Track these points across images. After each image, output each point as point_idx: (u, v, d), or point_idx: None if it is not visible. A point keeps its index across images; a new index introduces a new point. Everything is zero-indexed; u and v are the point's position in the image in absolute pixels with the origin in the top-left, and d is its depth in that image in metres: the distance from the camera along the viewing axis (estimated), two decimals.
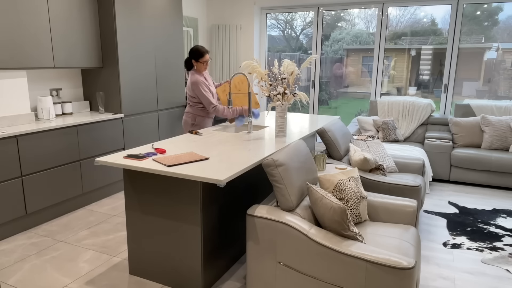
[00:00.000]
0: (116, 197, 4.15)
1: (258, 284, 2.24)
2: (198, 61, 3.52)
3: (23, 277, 2.62)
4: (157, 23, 4.54)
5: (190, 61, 3.58)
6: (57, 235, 3.26)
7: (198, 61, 3.52)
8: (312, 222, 2.25)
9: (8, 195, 3.14)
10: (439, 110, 5.35)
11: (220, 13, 6.13)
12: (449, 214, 3.72)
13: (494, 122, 4.60)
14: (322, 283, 2.02)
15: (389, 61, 5.65)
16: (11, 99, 3.44)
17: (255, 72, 2.99)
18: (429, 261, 2.87)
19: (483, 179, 4.48)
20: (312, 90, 5.96)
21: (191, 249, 2.38)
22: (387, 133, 4.95)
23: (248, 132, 3.28)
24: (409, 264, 1.82)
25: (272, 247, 2.14)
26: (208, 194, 2.36)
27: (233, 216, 2.72)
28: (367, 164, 3.29)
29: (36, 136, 3.31)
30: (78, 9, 3.80)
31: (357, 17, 5.87)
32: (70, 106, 3.99)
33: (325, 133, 3.48)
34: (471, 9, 5.07)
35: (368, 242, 2.19)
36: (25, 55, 3.34)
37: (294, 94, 2.99)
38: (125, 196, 2.55)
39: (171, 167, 2.23)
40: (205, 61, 3.53)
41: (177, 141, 2.92)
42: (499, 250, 3.02)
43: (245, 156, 2.49)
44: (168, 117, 4.89)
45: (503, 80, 5.12)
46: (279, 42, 6.51)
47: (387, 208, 2.56)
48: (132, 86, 4.28)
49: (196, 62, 3.53)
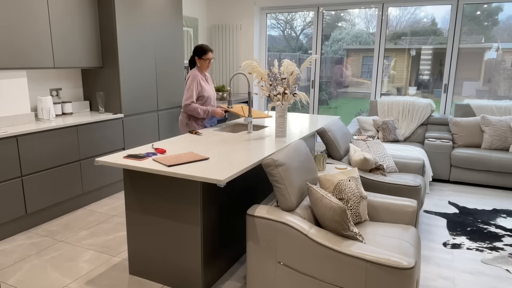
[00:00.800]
0: (116, 197, 4.15)
1: (258, 284, 2.24)
2: (201, 58, 3.55)
3: (23, 277, 2.62)
4: (157, 23, 4.54)
5: (194, 58, 3.62)
6: (57, 235, 3.26)
7: (201, 58, 3.55)
8: (312, 222, 2.25)
9: (8, 195, 3.14)
10: (439, 110, 5.35)
11: (220, 13, 6.13)
12: (449, 214, 3.72)
13: (494, 122, 4.60)
14: (322, 283, 2.02)
15: (389, 61, 5.65)
16: (11, 99, 3.44)
17: (255, 72, 2.98)
18: (429, 261, 2.87)
19: (483, 179, 4.48)
20: (312, 90, 5.96)
21: (191, 249, 2.38)
22: (387, 133, 4.95)
23: (248, 132, 3.28)
24: (409, 264, 1.82)
25: (272, 247, 2.14)
26: (208, 194, 2.36)
27: (233, 216, 2.72)
28: (367, 164, 3.29)
29: (36, 136, 3.31)
30: (78, 9, 3.80)
31: (357, 17, 5.87)
32: (70, 106, 3.99)
33: (325, 133, 3.48)
34: (471, 9, 5.07)
35: (368, 242, 2.19)
36: (25, 55, 3.34)
37: (294, 94, 2.99)
38: (125, 196, 2.55)
39: (171, 167, 2.23)
40: (207, 59, 3.55)
41: (177, 141, 2.92)
42: (499, 250, 3.02)
43: (245, 156, 2.49)
44: (168, 117, 4.89)
45: (503, 80, 5.11)
46: (279, 42, 6.51)
47: (387, 208, 2.56)
48: (132, 86, 4.28)
49: (199, 59, 3.56)
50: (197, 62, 3.59)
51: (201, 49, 3.55)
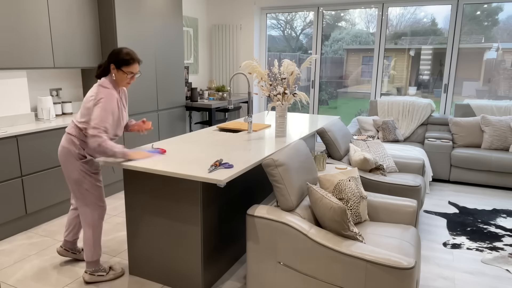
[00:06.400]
0: (116, 197, 4.15)
1: (258, 284, 2.24)
2: (120, 69, 2.37)
3: (23, 277, 2.62)
4: (157, 23, 4.54)
5: (108, 66, 2.42)
6: (57, 235, 3.26)
7: (120, 68, 2.37)
8: (312, 222, 2.25)
9: (8, 195, 3.14)
10: (439, 110, 5.35)
11: (220, 13, 6.13)
12: (449, 214, 3.72)
13: (494, 122, 4.60)
14: (322, 283, 2.02)
15: (389, 61, 5.65)
16: (11, 99, 3.44)
17: (255, 72, 2.98)
18: (429, 261, 2.87)
19: (483, 179, 4.47)
20: (312, 90, 5.96)
21: (191, 249, 2.38)
22: (387, 133, 4.95)
23: (248, 132, 3.28)
24: (409, 264, 1.82)
25: (272, 247, 2.14)
26: (208, 194, 2.36)
27: (233, 216, 2.72)
28: (367, 164, 3.29)
29: (36, 136, 3.31)
30: (78, 9, 3.80)
31: (357, 17, 5.87)
32: (70, 106, 3.99)
33: (325, 133, 3.48)
34: (471, 9, 5.07)
35: (368, 242, 2.19)
36: (25, 55, 3.34)
37: (294, 94, 2.99)
38: (125, 196, 2.55)
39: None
40: (130, 73, 2.40)
41: (177, 141, 2.92)
42: (499, 250, 3.02)
43: (245, 156, 2.49)
44: (168, 117, 4.89)
45: (503, 80, 5.11)
46: (279, 42, 6.51)
47: (387, 208, 2.56)
48: (132, 86, 4.28)
49: (118, 70, 2.38)
50: (113, 73, 2.39)
51: (124, 56, 2.36)
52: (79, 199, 2.47)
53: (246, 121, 3.22)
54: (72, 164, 2.43)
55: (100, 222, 2.55)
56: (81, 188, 2.45)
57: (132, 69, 2.39)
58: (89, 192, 2.47)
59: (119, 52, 2.38)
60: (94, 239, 2.52)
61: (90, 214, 2.49)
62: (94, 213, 2.50)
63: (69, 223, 2.76)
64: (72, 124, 2.46)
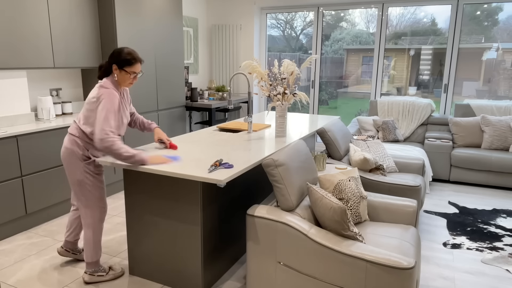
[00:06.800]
0: (116, 197, 4.15)
1: (258, 284, 2.24)
2: (123, 69, 2.38)
3: (23, 277, 2.62)
4: (157, 23, 4.54)
5: (109, 66, 2.42)
6: (57, 235, 3.26)
7: (122, 68, 2.38)
8: (312, 222, 2.25)
9: (8, 195, 3.14)
10: (439, 110, 5.35)
11: (220, 13, 6.13)
12: (449, 214, 3.72)
13: (494, 122, 4.60)
14: (322, 283, 2.02)
15: (389, 61, 5.65)
16: (11, 99, 3.44)
17: (255, 72, 2.98)
18: (429, 261, 2.87)
19: (483, 179, 4.48)
20: (312, 90, 5.96)
21: (191, 249, 2.38)
22: (387, 133, 4.95)
23: (248, 132, 3.28)
24: (409, 264, 1.82)
25: (272, 247, 2.14)
26: (208, 194, 2.36)
27: (233, 216, 2.72)
28: (367, 164, 3.29)
29: (36, 136, 3.31)
30: (78, 9, 3.80)
31: (357, 17, 5.87)
32: (70, 106, 3.99)
33: (325, 133, 3.48)
34: (471, 9, 5.07)
35: (368, 242, 2.19)
36: (25, 55, 3.34)
37: (294, 94, 2.99)
38: (125, 196, 2.55)
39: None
40: (133, 73, 2.41)
41: (177, 141, 2.92)
42: (499, 250, 3.02)
43: (245, 156, 2.49)
44: (168, 117, 4.89)
45: (503, 80, 5.11)
46: (279, 42, 6.51)
47: (387, 208, 2.56)
48: (132, 85, 4.28)
49: (120, 70, 2.38)
50: (114, 74, 2.40)
51: (126, 56, 2.37)
52: (81, 200, 2.47)
53: (246, 121, 3.21)
54: (75, 165, 2.42)
55: (101, 223, 2.55)
56: (84, 189, 2.45)
57: (135, 69, 2.39)
58: (91, 193, 2.47)
59: (121, 52, 2.37)
60: (94, 240, 2.52)
61: (91, 215, 2.49)
62: (95, 214, 2.50)
63: (70, 224, 2.76)
64: (75, 125, 2.45)
